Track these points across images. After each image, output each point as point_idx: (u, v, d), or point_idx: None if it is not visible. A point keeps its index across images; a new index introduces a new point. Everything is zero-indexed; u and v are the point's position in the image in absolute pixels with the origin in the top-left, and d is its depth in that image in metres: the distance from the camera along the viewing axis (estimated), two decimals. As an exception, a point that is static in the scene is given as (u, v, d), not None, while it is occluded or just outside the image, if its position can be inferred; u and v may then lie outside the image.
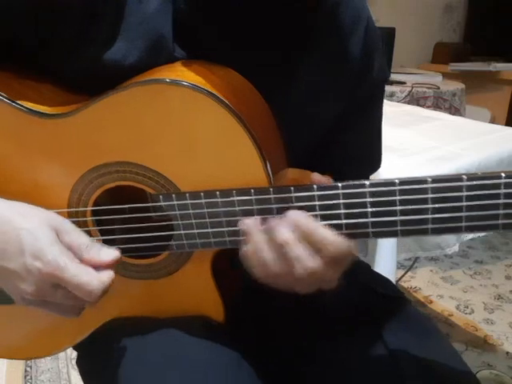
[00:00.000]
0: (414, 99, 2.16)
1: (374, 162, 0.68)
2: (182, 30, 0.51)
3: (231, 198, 0.45)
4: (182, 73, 0.47)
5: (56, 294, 0.45)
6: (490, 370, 1.40)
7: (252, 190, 0.45)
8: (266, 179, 0.46)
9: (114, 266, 0.46)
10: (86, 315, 0.52)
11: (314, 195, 0.43)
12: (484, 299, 1.80)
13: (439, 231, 0.41)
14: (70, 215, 0.52)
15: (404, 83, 2.27)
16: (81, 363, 0.61)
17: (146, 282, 0.53)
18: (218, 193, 0.45)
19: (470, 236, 1.09)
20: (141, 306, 0.55)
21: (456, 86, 2.34)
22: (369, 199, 0.42)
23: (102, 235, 0.52)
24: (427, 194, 0.41)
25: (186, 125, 0.46)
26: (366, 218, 0.43)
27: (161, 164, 0.48)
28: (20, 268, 0.44)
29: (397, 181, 0.41)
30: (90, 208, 0.51)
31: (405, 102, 2.07)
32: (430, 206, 0.41)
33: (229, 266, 0.56)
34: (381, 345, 0.54)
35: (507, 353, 1.52)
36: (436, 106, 2.20)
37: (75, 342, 0.59)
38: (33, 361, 1.40)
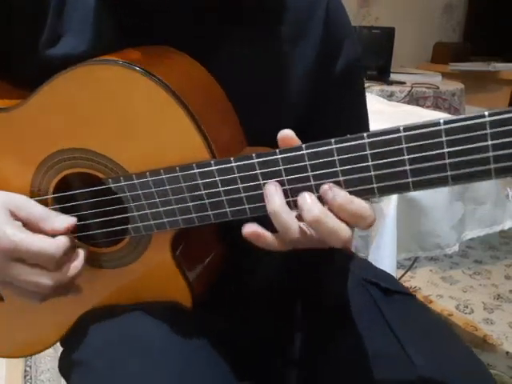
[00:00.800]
0: (414, 99, 2.16)
1: None
2: (123, 17, 0.52)
3: (175, 174, 0.45)
4: (121, 54, 0.47)
5: (16, 269, 0.46)
6: (490, 369, 1.40)
7: (194, 165, 0.45)
8: (207, 153, 0.46)
9: (70, 232, 0.48)
10: (63, 308, 0.53)
11: (253, 163, 0.43)
12: (483, 299, 1.80)
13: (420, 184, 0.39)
14: None
15: (404, 83, 2.27)
16: (59, 358, 0.62)
17: (115, 270, 0.54)
18: (162, 171, 0.46)
19: (470, 236, 1.09)
20: (114, 295, 0.55)
21: (455, 85, 2.34)
22: (308, 162, 0.41)
23: None
24: (401, 144, 0.38)
25: (122, 104, 0.46)
26: (309, 182, 0.42)
27: (106, 147, 0.48)
28: None
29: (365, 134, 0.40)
30: (48, 196, 0.52)
31: (404, 102, 2.07)
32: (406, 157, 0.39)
33: (198, 249, 0.56)
34: (393, 339, 0.53)
35: (507, 353, 1.52)
36: (436, 106, 2.20)
37: (57, 338, 0.59)
38: (33, 361, 1.40)
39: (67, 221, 0.48)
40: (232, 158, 0.43)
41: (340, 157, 0.40)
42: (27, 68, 0.52)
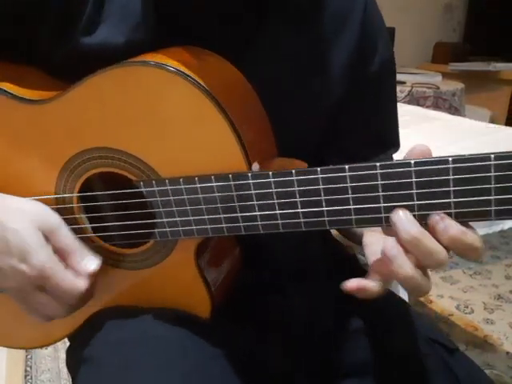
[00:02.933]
0: (414, 99, 2.16)
1: (391, 144, 0.66)
2: (161, 9, 0.51)
3: (210, 184, 0.44)
4: (162, 55, 0.47)
5: (35, 296, 0.46)
6: (490, 369, 1.40)
7: (230, 176, 0.43)
8: (244, 164, 0.44)
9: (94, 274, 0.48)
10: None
11: (292, 180, 0.42)
12: (484, 299, 1.80)
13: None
14: (57, 202, 0.52)
15: (404, 83, 2.27)
16: (66, 353, 0.61)
17: (135, 271, 0.53)
18: (196, 178, 0.45)
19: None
20: (131, 296, 0.55)
21: (456, 85, 2.34)
22: (349, 184, 0.41)
23: (89, 222, 0.53)
24: (411, 178, 0.39)
25: (159, 107, 0.45)
26: (348, 205, 0.41)
27: (139, 149, 0.47)
28: (6, 267, 0.45)
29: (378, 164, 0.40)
30: (75, 195, 0.51)
31: (405, 102, 2.07)
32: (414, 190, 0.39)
33: (220, 258, 0.56)
34: None
35: (507, 353, 1.51)
36: (436, 106, 2.20)
37: (67, 332, 0.59)
38: (33, 361, 1.40)
39: (93, 265, 0.47)
40: (270, 173, 0.42)
41: (383, 182, 0.39)
42: (60, 55, 0.51)
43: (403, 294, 0.99)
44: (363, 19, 0.58)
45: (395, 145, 0.67)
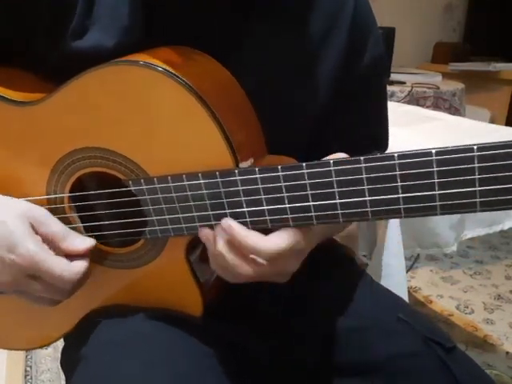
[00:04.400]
0: (414, 99, 2.16)
1: (380, 143, 0.66)
2: (148, 10, 0.52)
3: (197, 181, 0.45)
4: (151, 55, 0.47)
5: (31, 285, 0.47)
6: (490, 369, 1.40)
7: (217, 173, 0.44)
8: (231, 161, 0.45)
9: (89, 253, 0.48)
10: (71, 305, 0.53)
11: (278, 176, 0.42)
12: (484, 299, 1.80)
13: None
14: (48, 202, 0.52)
15: (404, 83, 2.27)
16: (61, 353, 0.62)
17: (127, 271, 0.53)
18: (184, 176, 0.45)
19: (470, 235, 1.09)
20: (123, 296, 0.55)
21: (456, 85, 2.33)
22: (335, 178, 0.41)
23: (81, 222, 0.53)
24: (395, 170, 0.39)
25: (147, 105, 0.46)
26: (334, 199, 0.41)
27: (128, 148, 0.48)
28: None
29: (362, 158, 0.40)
30: (65, 195, 0.52)
31: (404, 102, 2.06)
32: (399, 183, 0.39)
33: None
34: None
35: (507, 353, 1.51)
36: (436, 106, 2.20)
37: (62, 332, 0.59)
38: (33, 361, 1.40)
39: (87, 242, 0.48)
40: (257, 169, 0.43)
41: (368, 175, 0.40)
42: (51, 58, 0.51)
43: (403, 294, 1.00)
44: (353, 17, 0.57)
45: (383, 146, 0.67)
